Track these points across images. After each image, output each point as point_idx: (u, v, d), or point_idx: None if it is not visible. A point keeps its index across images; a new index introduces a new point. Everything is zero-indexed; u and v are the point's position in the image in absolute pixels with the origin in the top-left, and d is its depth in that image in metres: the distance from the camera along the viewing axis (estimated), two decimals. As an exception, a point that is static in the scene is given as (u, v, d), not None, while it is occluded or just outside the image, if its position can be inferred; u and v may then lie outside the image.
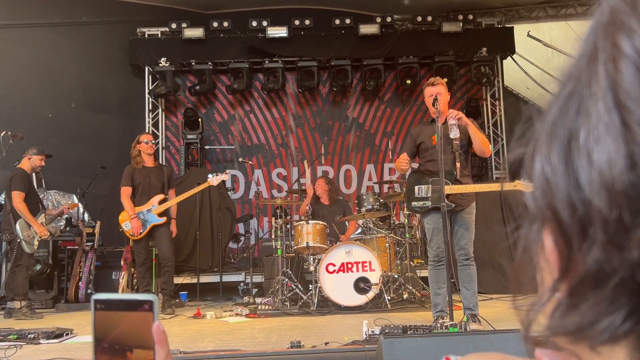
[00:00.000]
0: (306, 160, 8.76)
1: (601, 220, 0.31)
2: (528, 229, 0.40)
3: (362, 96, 9.76)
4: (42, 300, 6.66)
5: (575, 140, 0.33)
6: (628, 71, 0.31)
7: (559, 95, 0.35)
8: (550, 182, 0.34)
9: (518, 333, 2.73)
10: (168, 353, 0.66)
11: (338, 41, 9.15)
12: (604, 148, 0.31)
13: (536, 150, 0.36)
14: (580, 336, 0.33)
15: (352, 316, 5.16)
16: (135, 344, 0.65)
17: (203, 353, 3.53)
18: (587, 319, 0.32)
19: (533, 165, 0.35)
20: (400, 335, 2.87)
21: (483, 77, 9.01)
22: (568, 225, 0.33)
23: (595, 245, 0.31)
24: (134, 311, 0.65)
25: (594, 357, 0.34)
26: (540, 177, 0.34)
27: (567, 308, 0.34)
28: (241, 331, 4.65)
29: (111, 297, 0.67)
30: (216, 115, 9.71)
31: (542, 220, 0.35)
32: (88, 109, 8.71)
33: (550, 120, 0.35)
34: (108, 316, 0.66)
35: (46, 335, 4.28)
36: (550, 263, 0.36)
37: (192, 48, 9.05)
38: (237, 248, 8.89)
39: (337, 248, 5.64)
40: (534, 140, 0.37)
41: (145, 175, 6.04)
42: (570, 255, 0.33)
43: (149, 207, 5.94)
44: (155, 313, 0.65)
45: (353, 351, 3.36)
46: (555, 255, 0.35)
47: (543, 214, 0.34)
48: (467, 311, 4.26)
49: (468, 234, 4.33)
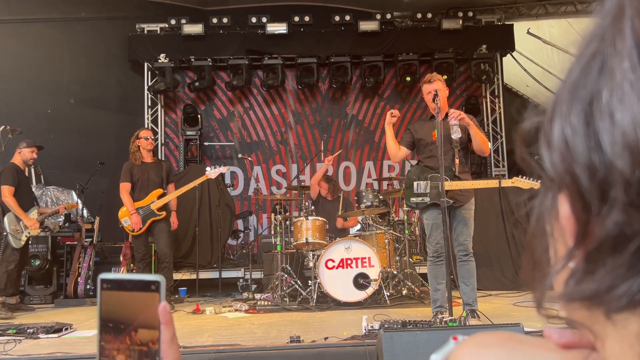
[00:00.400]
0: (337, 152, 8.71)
1: (623, 181, 0.30)
2: (543, 197, 0.39)
3: (362, 93, 9.76)
4: (41, 296, 6.66)
5: (598, 101, 0.32)
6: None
7: (581, 55, 0.35)
8: (569, 144, 0.33)
9: (517, 327, 2.73)
10: (174, 334, 0.65)
11: (337, 38, 9.15)
12: (628, 107, 0.30)
13: (555, 113, 0.35)
14: (597, 302, 0.32)
15: (352, 312, 5.16)
16: (140, 324, 0.64)
17: (202, 347, 3.53)
18: (604, 284, 0.31)
19: (552, 129, 0.34)
20: (400, 329, 2.88)
21: (483, 75, 9.01)
22: (587, 189, 0.32)
23: (615, 208, 0.31)
24: (140, 291, 0.65)
25: (608, 327, 0.34)
26: (560, 140, 0.33)
27: (584, 274, 0.33)
28: (240, 326, 4.65)
29: (118, 277, 0.66)
30: (215, 111, 9.70)
31: (560, 186, 0.35)
32: (87, 105, 8.70)
33: (571, 82, 0.34)
34: (114, 296, 0.66)
35: (45, 330, 4.28)
36: (566, 231, 0.36)
37: (191, 44, 9.04)
38: (236, 244, 8.89)
39: (336, 244, 5.64)
40: (553, 104, 0.36)
41: (144, 171, 6.04)
42: (588, 220, 0.33)
43: (147, 203, 5.94)
44: (162, 294, 0.65)
45: (352, 346, 3.36)
46: (572, 222, 0.35)
47: (562, 178, 0.34)
48: (466, 307, 4.27)
49: (467, 230, 4.34)
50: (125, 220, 5.96)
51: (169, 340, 0.64)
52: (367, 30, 8.98)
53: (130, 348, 0.65)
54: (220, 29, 9.09)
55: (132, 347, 0.65)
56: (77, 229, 6.92)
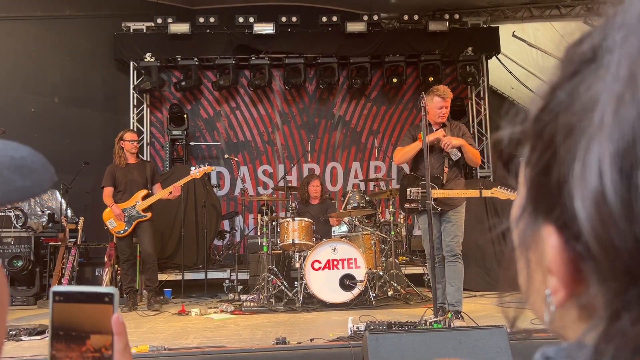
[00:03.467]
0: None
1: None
2: (527, 222, 0.36)
3: (349, 94, 9.78)
4: (24, 297, 6.58)
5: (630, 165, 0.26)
6: None
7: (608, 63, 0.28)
8: (611, 205, 0.27)
9: (501, 329, 2.76)
10: (127, 344, 0.66)
11: (325, 38, 9.15)
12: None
13: (591, 145, 0.27)
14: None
15: (338, 313, 5.17)
16: (92, 329, 0.65)
17: (188, 350, 3.52)
18: (631, 336, 0.28)
19: (587, 162, 0.28)
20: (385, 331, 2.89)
21: (468, 77, 9.07)
22: (625, 249, 0.27)
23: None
24: (93, 303, 0.65)
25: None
26: (597, 182, 0.27)
27: (600, 321, 0.30)
28: (226, 328, 4.64)
29: (71, 289, 0.66)
30: (202, 111, 9.65)
31: (574, 227, 0.30)
32: (72, 104, 8.61)
33: (611, 100, 0.27)
34: (67, 308, 0.66)
35: (28, 332, 4.23)
36: (549, 264, 0.34)
37: (177, 43, 8.98)
38: (222, 245, 8.86)
39: (322, 245, 5.65)
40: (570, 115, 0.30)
41: (128, 172, 6.00)
42: (611, 281, 0.29)
43: (132, 204, 5.90)
44: (115, 305, 0.65)
45: (338, 347, 3.37)
46: (559, 260, 0.33)
47: (593, 230, 0.28)
48: (450, 307, 4.35)
49: (453, 231, 4.46)
50: (111, 222, 5.91)
51: (121, 350, 0.65)
52: (354, 32, 9.00)
53: (84, 355, 0.65)
54: (207, 29, 9.04)
55: (86, 355, 0.65)
56: (60, 229, 6.84)
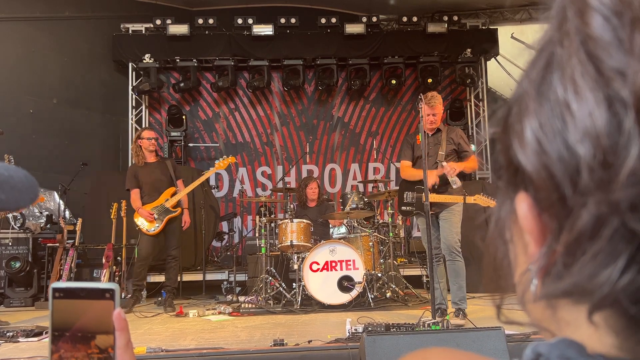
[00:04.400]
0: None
1: (587, 168, 0.32)
2: (500, 203, 0.41)
3: (348, 95, 9.78)
4: (22, 298, 6.56)
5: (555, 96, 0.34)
6: (596, 22, 0.32)
7: (536, 58, 0.37)
8: (540, 139, 0.34)
9: (499, 331, 2.76)
10: (129, 340, 0.66)
11: (324, 40, 9.16)
12: (582, 98, 0.32)
13: (522, 111, 0.36)
14: (579, 295, 0.33)
15: (336, 314, 5.16)
16: (97, 330, 0.64)
17: (185, 351, 3.51)
18: (584, 274, 0.32)
19: (522, 127, 0.36)
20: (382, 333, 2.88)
21: (467, 78, 9.08)
22: (562, 181, 0.33)
23: (585, 195, 0.32)
24: (94, 299, 0.64)
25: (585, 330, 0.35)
26: (531, 136, 0.35)
27: (562, 269, 0.34)
28: (224, 329, 4.63)
29: (71, 285, 0.65)
30: (200, 112, 9.65)
31: (530, 182, 0.36)
32: (70, 105, 8.60)
33: (532, 81, 0.36)
34: (67, 305, 0.65)
35: (25, 333, 4.22)
36: (525, 230, 0.37)
37: (176, 45, 8.98)
38: (220, 246, 8.85)
39: (321, 247, 5.64)
40: (517, 103, 0.38)
41: (150, 172, 5.96)
42: (563, 214, 0.34)
43: (162, 202, 5.89)
44: (116, 301, 0.64)
45: (336, 349, 3.37)
46: (531, 220, 0.36)
47: (537, 174, 0.35)
48: (453, 305, 4.40)
49: (450, 229, 4.55)
50: (142, 222, 5.84)
51: (124, 346, 0.65)
52: (353, 33, 9.01)
53: (90, 355, 0.64)
54: (205, 30, 9.05)
55: (91, 355, 0.64)
56: (58, 230, 6.83)
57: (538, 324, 0.40)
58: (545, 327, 0.39)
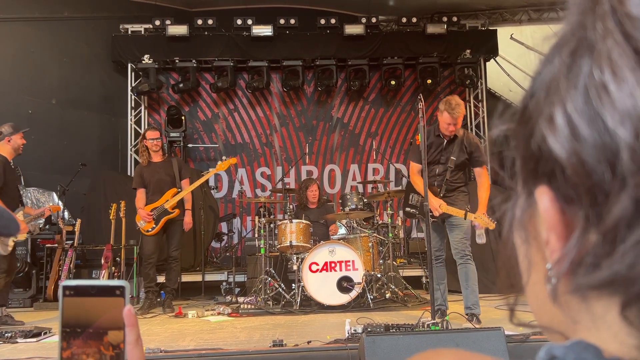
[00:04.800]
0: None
1: (629, 150, 0.31)
2: (514, 202, 0.40)
3: (347, 96, 9.78)
4: (20, 299, 6.55)
5: (592, 79, 0.33)
6: (632, 1, 0.32)
7: (561, 46, 0.36)
8: (575, 124, 0.33)
9: (499, 331, 2.75)
10: (138, 336, 0.66)
11: (323, 41, 9.16)
12: (621, 78, 0.31)
13: (553, 96, 0.35)
14: (618, 286, 0.32)
15: (335, 315, 5.15)
16: (108, 326, 0.64)
17: (184, 352, 3.50)
18: (625, 263, 0.31)
19: (554, 112, 0.34)
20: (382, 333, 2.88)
21: (466, 79, 9.08)
22: (595, 167, 0.32)
23: (624, 179, 0.31)
24: (104, 297, 0.65)
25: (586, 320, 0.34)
26: (564, 122, 0.34)
27: (597, 260, 0.32)
28: (223, 330, 4.62)
29: (81, 283, 0.66)
30: (200, 113, 9.64)
31: (557, 171, 0.34)
32: (69, 106, 8.59)
33: (561, 69, 0.35)
34: (78, 302, 0.65)
35: (23, 334, 4.21)
36: (547, 224, 0.36)
37: (175, 45, 8.98)
38: (219, 247, 8.84)
39: (320, 247, 5.63)
40: (545, 89, 0.36)
41: (154, 172, 5.97)
42: (596, 203, 0.32)
43: (162, 203, 5.89)
44: (126, 298, 0.65)
45: (335, 350, 3.36)
46: (554, 213, 0.35)
47: (569, 160, 0.33)
48: (466, 310, 4.35)
49: (458, 233, 4.50)
50: (140, 222, 5.89)
51: (133, 342, 0.66)
52: (353, 34, 9.00)
53: (101, 352, 0.64)
54: (205, 31, 9.04)
55: (103, 351, 0.64)
56: (57, 231, 6.82)
57: (550, 327, 0.39)
58: (558, 329, 0.38)
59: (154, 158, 6.05)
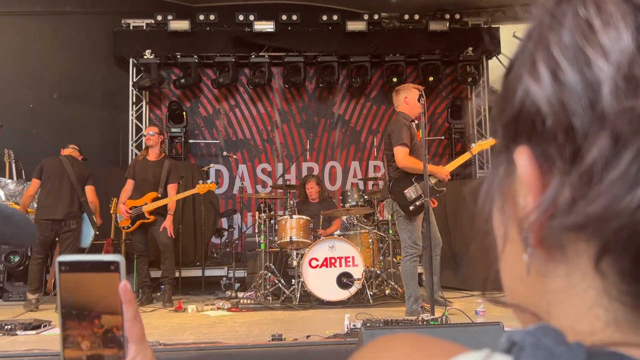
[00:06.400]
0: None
1: (611, 83, 0.30)
2: (494, 171, 0.39)
3: (348, 93, 9.77)
4: (21, 292, 6.55)
5: (577, 19, 0.32)
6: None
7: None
8: (558, 66, 0.32)
9: (497, 326, 2.75)
10: (136, 312, 0.65)
11: (325, 37, 9.14)
12: (606, 14, 0.31)
13: (536, 47, 0.35)
14: (592, 228, 0.31)
15: (334, 311, 5.16)
16: (103, 309, 0.64)
17: (183, 345, 3.50)
18: (600, 204, 0.30)
19: (536, 61, 0.34)
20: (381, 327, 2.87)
21: (468, 77, 9.07)
22: (576, 109, 0.31)
23: (604, 118, 0.30)
24: (100, 272, 0.64)
25: (560, 268, 0.34)
26: (546, 67, 0.33)
27: (572, 204, 0.32)
28: (222, 324, 4.62)
29: (77, 258, 0.65)
30: (201, 109, 9.64)
31: (537, 124, 0.34)
32: (70, 100, 8.58)
33: (544, 16, 0.35)
34: (74, 278, 0.65)
35: (23, 326, 4.21)
36: (524, 183, 0.35)
37: (177, 41, 8.97)
38: (220, 243, 8.84)
39: (320, 243, 5.63)
40: (526, 45, 0.36)
41: (143, 169, 6.00)
42: (574, 151, 0.32)
43: (141, 204, 5.90)
44: (122, 273, 0.64)
45: (334, 344, 3.36)
46: (531, 170, 0.34)
47: (552, 108, 0.33)
48: (437, 297, 4.45)
49: (434, 224, 4.65)
50: (119, 217, 5.94)
51: (132, 318, 0.65)
52: (355, 31, 8.99)
53: (95, 334, 0.64)
54: (207, 26, 9.03)
55: (97, 333, 0.64)
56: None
57: (522, 305, 0.38)
58: (530, 307, 0.37)
59: (149, 155, 6.07)
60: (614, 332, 0.32)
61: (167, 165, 6.07)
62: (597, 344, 0.31)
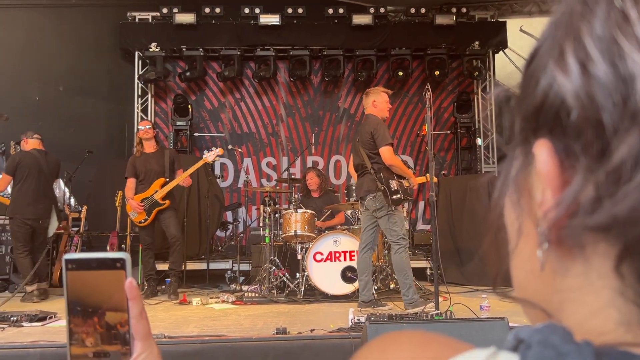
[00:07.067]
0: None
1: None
2: (509, 164, 0.38)
3: (354, 87, 9.73)
4: (26, 285, 6.59)
5: (611, 8, 0.31)
6: None
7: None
8: (589, 58, 0.31)
9: (503, 321, 2.74)
10: (142, 309, 0.65)
11: (331, 31, 9.10)
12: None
13: (565, 36, 0.33)
14: (617, 229, 0.30)
15: (339, 305, 5.16)
16: (108, 306, 0.64)
17: (188, 338, 3.51)
18: (627, 204, 0.29)
19: (564, 52, 0.33)
20: (385, 322, 2.87)
21: (475, 71, 9.01)
22: (605, 103, 0.30)
23: (637, 114, 0.29)
24: (106, 270, 0.64)
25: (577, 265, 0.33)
26: (575, 59, 0.32)
27: (596, 204, 0.30)
28: (227, 317, 4.64)
29: (83, 256, 0.65)
30: (206, 102, 9.63)
31: (562, 117, 0.32)
32: (76, 93, 8.60)
33: (576, 5, 0.33)
34: (80, 276, 0.65)
35: (29, 318, 4.24)
36: (543, 178, 0.34)
37: (183, 34, 8.95)
38: (224, 236, 8.85)
39: (325, 237, 5.64)
40: (552, 34, 0.35)
41: (145, 162, 6.00)
42: (600, 147, 0.30)
43: (151, 193, 5.91)
44: (128, 271, 0.64)
45: (338, 338, 3.36)
46: (552, 165, 0.33)
47: (579, 101, 0.31)
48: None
49: None
50: (132, 213, 5.93)
51: (137, 315, 0.64)
52: (361, 24, 8.94)
53: (101, 331, 0.64)
54: (212, 19, 9.01)
55: (103, 330, 0.64)
56: (63, 217, 6.85)
57: (533, 301, 0.37)
58: (541, 303, 0.36)
59: (146, 149, 6.08)
60: (626, 333, 0.31)
61: (168, 153, 6.16)
62: (607, 343, 0.30)
